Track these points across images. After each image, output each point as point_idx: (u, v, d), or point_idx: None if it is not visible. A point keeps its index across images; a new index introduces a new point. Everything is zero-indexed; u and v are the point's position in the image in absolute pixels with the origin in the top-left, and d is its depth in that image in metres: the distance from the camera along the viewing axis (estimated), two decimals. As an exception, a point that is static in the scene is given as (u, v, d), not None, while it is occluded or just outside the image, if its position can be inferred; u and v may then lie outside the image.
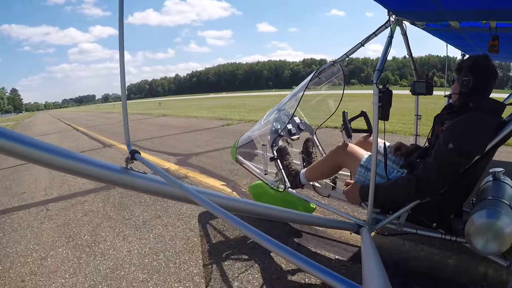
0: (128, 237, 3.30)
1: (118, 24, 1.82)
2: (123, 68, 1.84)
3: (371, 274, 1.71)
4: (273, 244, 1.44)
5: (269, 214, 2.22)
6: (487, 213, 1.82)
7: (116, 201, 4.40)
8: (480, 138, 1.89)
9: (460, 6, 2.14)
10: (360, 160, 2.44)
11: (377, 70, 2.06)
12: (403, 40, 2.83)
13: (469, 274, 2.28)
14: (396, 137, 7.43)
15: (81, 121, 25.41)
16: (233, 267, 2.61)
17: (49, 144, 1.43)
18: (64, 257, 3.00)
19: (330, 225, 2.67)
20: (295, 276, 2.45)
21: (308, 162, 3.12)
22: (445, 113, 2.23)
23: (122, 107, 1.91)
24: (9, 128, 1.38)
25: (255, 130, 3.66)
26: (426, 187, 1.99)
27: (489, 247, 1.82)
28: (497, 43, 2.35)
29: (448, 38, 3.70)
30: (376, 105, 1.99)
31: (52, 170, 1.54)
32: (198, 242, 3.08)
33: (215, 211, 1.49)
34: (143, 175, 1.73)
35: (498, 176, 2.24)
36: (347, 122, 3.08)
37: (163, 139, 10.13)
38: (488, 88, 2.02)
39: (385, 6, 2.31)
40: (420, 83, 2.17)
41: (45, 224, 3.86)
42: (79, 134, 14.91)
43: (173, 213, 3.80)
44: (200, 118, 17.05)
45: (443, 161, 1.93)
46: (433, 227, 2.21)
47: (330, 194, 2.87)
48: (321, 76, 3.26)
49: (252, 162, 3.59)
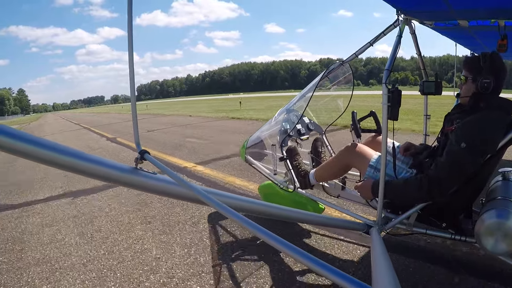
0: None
1: (127, 24, 1.83)
2: (132, 69, 1.85)
3: (381, 275, 1.71)
4: (282, 244, 1.44)
5: (279, 214, 2.23)
6: (497, 213, 1.82)
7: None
8: (492, 137, 1.89)
9: (469, 5, 2.13)
10: (370, 160, 2.44)
11: (386, 69, 2.04)
12: (412, 39, 2.82)
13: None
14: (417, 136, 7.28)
15: (117, 128, 17.93)
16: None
17: (57, 143, 1.44)
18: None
19: (339, 225, 2.67)
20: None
21: (317, 162, 3.13)
22: (455, 112, 2.21)
23: (132, 107, 1.92)
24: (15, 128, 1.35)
25: (264, 130, 3.66)
26: (439, 187, 1.97)
27: (499, 247, 1.81)
28: (506, 42, 2.33)
29: (457, 37, 3.68)
30: (386, 105, 1.99)
31: (61, 170, 1.55)
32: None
33: (225, 211, 1.50)
34: (152, 175, 1.73)
35: (508, 175, 2.22)
36: (356, 122, 3.08)
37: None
38: (501, 87, 2.01)
39: (394, 5, 2.31)
40: (429, 82, 2.17)
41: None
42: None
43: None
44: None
45: (455, 160, 1.91)
46: (442, 227, 2.21)
47: (339, 194, 2.88)
48: (330, 76, 3.26)
49: (262, 162, 3.60)
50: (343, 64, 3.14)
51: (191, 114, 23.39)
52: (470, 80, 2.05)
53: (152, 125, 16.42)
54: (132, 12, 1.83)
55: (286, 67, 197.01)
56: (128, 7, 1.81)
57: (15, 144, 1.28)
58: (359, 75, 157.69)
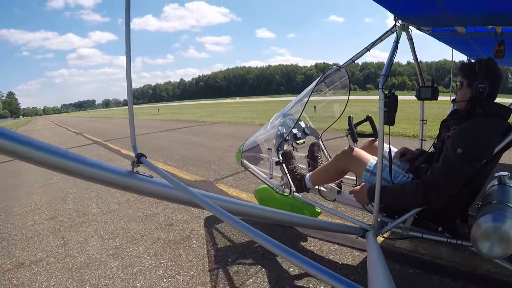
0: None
1: (125, 28, 1.82)
2: (130, 73, 1.84)
3: (377, 278, 1.71)
4: (279, 248, 1.43)
5: (275, 218, 2.23)
6: (493, 217, 1.83)
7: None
8: (488, 143, 1.90)
9: (466, 11, 2.15)
10: (366, 165, 2.45)
11: (382, 75, 2.05)
12: (409, 45, 2.84)
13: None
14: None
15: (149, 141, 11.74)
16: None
17: (50, 144, 1.41)
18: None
19: (335, 229, 2.66)
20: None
21: (313, 166, 3.13)
22: (451, 118, 2.23)
23: (129, 110, 1.91)
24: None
25: (260, 135, 3.66)
26: (435, 193, 1.97)
27: (495, 251, 1.81)
28: (503, 48, 2.35)
29: (454, 44, 3.70)
30: (382, 110, 2.00)
31: (56, 172, 1.52)
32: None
33: (221, 215, 1.49)
34: (149, 178, 1.72)
35: (504, 180, 2.23)
36: (353, 126, 3.08)
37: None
38: (497, 93, 2.03)
39: (391, 11, 2.32)
40: (426, 88, 2.18)
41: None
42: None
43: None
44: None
45: (451, 166, 1.92)
46: (439, 231, 2.21)
47: (335, 198, 2.87)
48: (327, 81, 3.27)
49: (258, 166, 3.60)
50: (339, 69, 3.15)
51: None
52: (465, 85, 2.06)
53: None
54: (130, 16, 1.82)
55: (282, 71, 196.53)
56: (126, 11, 1.81)
57: (6, 145, 1.24)
58: (355, 79, 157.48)
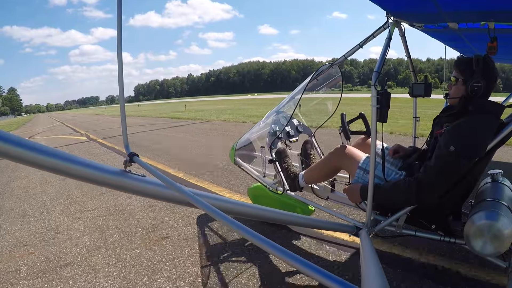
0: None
1: (116, 24, 1.80)
2: (121, 70, 1.82)
3: (370, 276, 1.70)
4: (271, 246, 1.43)
5: (268, 216, 2.21)
6: (486, 214, 1.82)
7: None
8: (481, 140, 1.89)
9: (458, 7, 2.14)
10: (359, 162, 2.43)
11: (375, 72, 2.03)
12: (402, 41, 2.83)
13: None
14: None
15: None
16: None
17: (42, 144, 1.40)
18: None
19: (328, 228, 2.66)
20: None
21: (306, 165, 3.11)
22: (444, 115, 2.21)
23: (120, 109, 1.88)
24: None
25: (253, 133, 3.64)
26: (427, 191, 1.97)
27: (488, 248, 1.81)
28: (496, 45, 2.34)
29: (447, 40, 3.70)
30: (375, 107, 1.98)
31: (50, 173, 1.50)
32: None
33: (214, 214, 1.48)
34: (141, 178, 1.70)
35: (497, 177, 2.23)
36: (346, 124, 3.06)
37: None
38: (491, 91, 2.02)
39: (383, 7, 2.31)
40: (419, 85, 2.16)
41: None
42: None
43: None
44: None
45: (444, 164, 1.91)
46: (432, 229, 2.21)
47: (328, 196, 2.86)
48: (319, 78, 3.25)
49: (251, 165, 3.58)
50: (332, 66, 3.13)
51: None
52: (460, 82, 2.04)
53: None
54: (121, 12, 1.80)
55: (298, 67, 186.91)
56: (118, 7, 1.78)
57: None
58: (357, 75, 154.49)
